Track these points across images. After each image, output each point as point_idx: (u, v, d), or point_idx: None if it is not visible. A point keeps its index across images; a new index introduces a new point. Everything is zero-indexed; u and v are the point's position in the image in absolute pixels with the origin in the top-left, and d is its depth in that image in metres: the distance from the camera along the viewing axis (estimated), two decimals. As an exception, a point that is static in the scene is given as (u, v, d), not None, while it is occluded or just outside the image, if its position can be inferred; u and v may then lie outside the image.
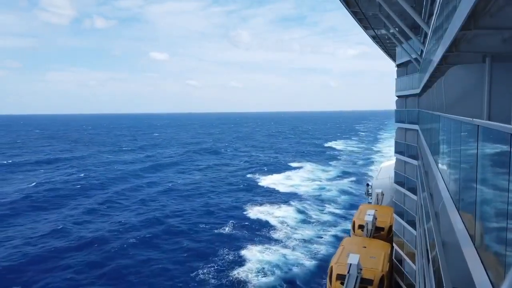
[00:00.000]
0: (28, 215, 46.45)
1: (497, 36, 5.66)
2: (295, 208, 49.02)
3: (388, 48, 35.25)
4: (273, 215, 45.63)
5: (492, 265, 3.12)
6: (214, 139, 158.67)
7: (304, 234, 39.68)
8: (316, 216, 46.16)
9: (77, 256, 33.85)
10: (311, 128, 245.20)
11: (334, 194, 57.30)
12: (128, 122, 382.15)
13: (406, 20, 20.03)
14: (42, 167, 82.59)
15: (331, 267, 22.65)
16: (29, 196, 54.12)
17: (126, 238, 38.10)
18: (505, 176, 2.80)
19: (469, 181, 4.33)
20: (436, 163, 9.03)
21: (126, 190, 59.71)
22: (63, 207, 50.00)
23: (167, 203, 52.14)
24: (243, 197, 55.54)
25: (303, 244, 36.79)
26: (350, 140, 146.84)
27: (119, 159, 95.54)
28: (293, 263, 32.51)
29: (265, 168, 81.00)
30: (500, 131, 3.03)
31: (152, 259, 33.58)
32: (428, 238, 9.31)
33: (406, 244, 24.82)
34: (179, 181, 67.46)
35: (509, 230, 2.70)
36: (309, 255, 34.49)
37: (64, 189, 59.96)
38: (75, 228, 41.36)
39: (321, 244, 36.96)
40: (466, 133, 4.74)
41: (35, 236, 38.58)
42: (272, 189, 60.39)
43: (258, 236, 39.04)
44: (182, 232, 40.57)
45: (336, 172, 76.72)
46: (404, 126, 28.17)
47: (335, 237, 38.78)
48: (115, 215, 46.75)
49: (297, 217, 45.63)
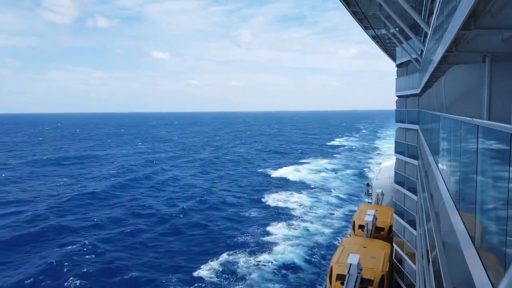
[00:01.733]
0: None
1: (497, 36, 5.66)
2: (306, 193, 58.27)
3: (388, 48, 35.26)
4: (289, 200, 53.89)
5: (492, 266, 3.12)
6: (224, 138, 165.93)
7: (318, 212, 48.55)
8: (325, 199, 54.69)
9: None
10: (313, 127, 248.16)
11: (338, 183, 65.58)
12: (132, 121, 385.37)
13: (406, 20, 20.02)
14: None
15: (331, 267, 22.65)
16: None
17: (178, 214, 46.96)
18: (505, 177, 2.80)
19: (469, 181, 4.32)
20: (436, 163, 9.02)
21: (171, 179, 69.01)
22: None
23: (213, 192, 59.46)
24: (260, 185, 64.99)
25: (318, 219, 45.35)
26: (352, 137, 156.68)
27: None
28: (314, 233, 40.67)
29: (275, 161, 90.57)
30: (500, 131, 3.03)
31: (199, 231, 41.61)
32: (428, 239, 9.31)
33: (406, 244, 24.82)
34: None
35: (509, 231, 2.69)
36: (325, 227, 42.73)
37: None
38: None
39: (333, 219, 45.85)
40: (466, 133, 4.74)
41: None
42: (284, 178, 69.49)
43: (281, 214, 47.20)
44: (221, 211, 49.09)
45: (339, 164, 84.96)
46: (404, 126, 28.17)
47: (344, 214, 47.81)
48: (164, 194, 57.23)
49: (310, 200, 54.06)
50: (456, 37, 5.83)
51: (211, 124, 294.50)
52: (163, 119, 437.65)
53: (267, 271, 31.28)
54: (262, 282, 29.56)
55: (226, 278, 30.22)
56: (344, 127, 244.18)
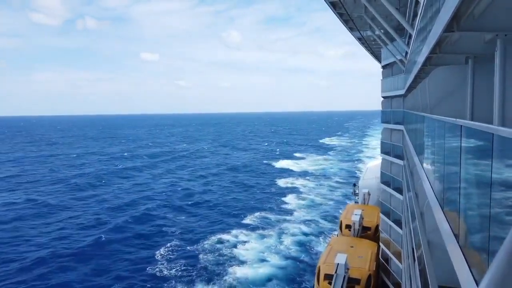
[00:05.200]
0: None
1: (479, 38, 5.77)
2: (309, 178, 71.15)
3: (373, 49, 35.64)
4: (295, 183, 66.84)
5: (475, 263, 3.18)
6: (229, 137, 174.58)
7: (321, 191, 61.20)
8: (326, 183, 67.50)
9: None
10: (304, 128, 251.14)
11: (335, 171, 79.71)
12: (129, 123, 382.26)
13: (391, 21, 20.29)
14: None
15: (318, 267, 22.74)
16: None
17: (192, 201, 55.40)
18: (488, 176, 2.85)
19: (453, 180, 4.40)
20: (421, 163, 9.15)
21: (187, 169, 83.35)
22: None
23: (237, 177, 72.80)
24: (269, 173, 78.63)
25: (322, 196, 57.69)
26: (342, 137, 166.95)
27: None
28: (320, 203, 53.52)
29: (276, 157, 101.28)
30: (482, 131, 3.09)
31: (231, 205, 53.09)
32: (414, 237, 9.44)
33: (393, 243, 25.10)
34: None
35: (492, 229, 2.75)
36: (329, 200, 55.76)
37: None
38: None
39: (333, 195, 58.63)
40: (449, 133, 4.82)
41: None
42: (287, 169, 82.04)
43: (292, 193, 59.49)
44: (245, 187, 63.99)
45: (334, 158, 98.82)
46: (390, 127, 28.50)
47: (342, 193, 58.80)
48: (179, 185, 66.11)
49: (313, 183, 67.34)
50: (439, 39, 5.93)
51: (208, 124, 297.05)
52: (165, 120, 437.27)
53: (291, 222, 44.65)
54: (289, 225, 43.22)
55: (264, 227, 42.98)
56: (335, 125, 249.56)
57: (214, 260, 33.66)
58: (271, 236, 39.60)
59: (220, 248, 36.46)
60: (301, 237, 39.78)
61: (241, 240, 38.44)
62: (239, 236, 39.75)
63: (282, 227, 42.60)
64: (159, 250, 36.09)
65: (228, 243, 37.70)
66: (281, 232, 40.72)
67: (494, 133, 2.74)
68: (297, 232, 41.08)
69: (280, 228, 42.30)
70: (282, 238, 39.21)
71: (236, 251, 35.58)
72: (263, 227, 42.80)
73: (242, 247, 36.65)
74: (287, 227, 42.31)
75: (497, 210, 2.70)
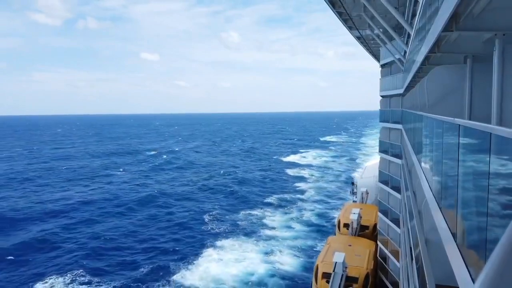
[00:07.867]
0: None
1: (477, 37, 5.79)
2: (315, 168, 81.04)
3: (372, 48, 35.68)
4: (303, 173, 76.00)
5: (473, 262, 3.19)
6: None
7: (327, 178, 70.01)
8: (330, 172, 77.10)
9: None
10: (304, 127, 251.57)
11: (337, 164, 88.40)
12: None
13: (390, 21, 20.29)
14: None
15: (316, 265, 22.79)
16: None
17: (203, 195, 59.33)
18: (485, 175, 2.86)
19: (451, 180, 4.41)
20: (419, 162, 9.17)
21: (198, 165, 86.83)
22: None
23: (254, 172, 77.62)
24: (279, 166, 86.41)
25: (327, 182, 66.86)
26: (341, 135, 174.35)
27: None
28: (325, 187, 62.70)
29: (282, 153, 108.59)
30: (481, 131, 3.10)
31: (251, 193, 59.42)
32: (412, 236, 9.46)
33: (391, 242, 25.16)
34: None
35: (489, 227, 2.76)
36: (333, 187, 63.34)
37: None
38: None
39: (337, 181, 67.11)
40: (447, 133, 4.83)
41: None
42: (294, 162, 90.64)
43: (302, 180, 68.18)
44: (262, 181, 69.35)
45: (336, 153, 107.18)
46: (388, 126, 28.53)
47: (344, 180, 67.51)
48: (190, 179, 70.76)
49: (319, 172, 76.67)
50: (438, 38, 5.94)
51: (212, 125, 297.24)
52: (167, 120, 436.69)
53: (303, 201, 53.61)
54: (305, 201, 53.27)
55: (284, 205, 50.77)
56: (335, 126, 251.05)
57: (248, 225, 42.58)
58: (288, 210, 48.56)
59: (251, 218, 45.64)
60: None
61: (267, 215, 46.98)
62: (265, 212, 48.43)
63: (298, 205, 51.15)
64: (207, 215, 45.98)
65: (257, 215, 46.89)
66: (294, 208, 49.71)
67: (492, 132, 2.75)
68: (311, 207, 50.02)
69: (296, 205, 51.17)
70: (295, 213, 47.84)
71: (265, 220, 44.49)
72: (281, 205, 51.13)
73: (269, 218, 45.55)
74: (303, 206, 50.75)
75: (495, 209, 2.71)
